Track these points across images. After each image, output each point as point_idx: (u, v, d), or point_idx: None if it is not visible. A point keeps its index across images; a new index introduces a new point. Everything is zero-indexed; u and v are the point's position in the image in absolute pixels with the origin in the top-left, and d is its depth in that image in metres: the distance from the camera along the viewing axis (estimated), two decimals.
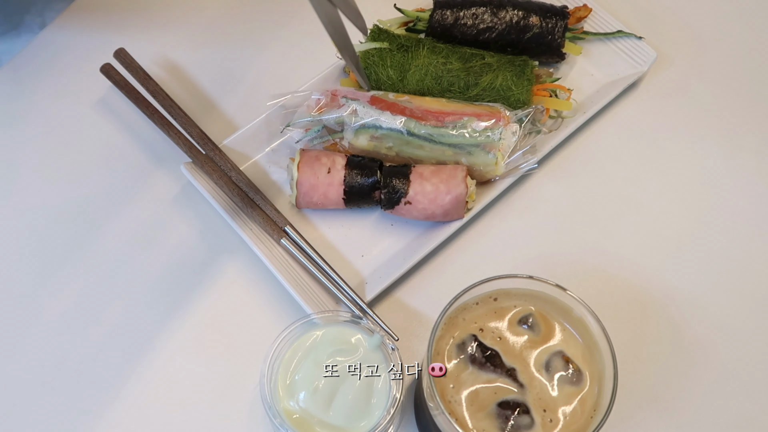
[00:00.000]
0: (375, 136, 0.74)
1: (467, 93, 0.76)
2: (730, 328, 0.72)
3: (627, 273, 0.74)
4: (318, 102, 0.75)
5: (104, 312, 0.72)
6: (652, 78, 0.86)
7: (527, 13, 0.80)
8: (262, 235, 0.72)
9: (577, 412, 0.55)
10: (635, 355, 0.70)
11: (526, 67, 0.76)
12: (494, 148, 0.72)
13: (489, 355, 0.57)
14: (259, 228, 0.73)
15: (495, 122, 0.72)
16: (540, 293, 0.59)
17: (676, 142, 0.82)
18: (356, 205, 0.74)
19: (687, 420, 0.68)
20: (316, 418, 0.59)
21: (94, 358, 0.70)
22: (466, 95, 0.76)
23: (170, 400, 0.68)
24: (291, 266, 0.71)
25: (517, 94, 0.75)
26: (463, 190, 0.70)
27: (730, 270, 0.75)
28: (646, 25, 0.88)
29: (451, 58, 0.76)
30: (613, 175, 0.80)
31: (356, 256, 0.74)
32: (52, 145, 0.80)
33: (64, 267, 0.74)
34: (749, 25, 0.90)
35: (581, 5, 0.84)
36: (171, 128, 0.77)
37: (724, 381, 0.69)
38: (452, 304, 0.56)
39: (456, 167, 0.72)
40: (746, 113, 0.84)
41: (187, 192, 0.77)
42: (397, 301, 0.72)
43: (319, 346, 0.61)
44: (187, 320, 0.71)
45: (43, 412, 0.68)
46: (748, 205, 0.79)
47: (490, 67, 0.76)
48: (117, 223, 0.76)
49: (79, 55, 0.85)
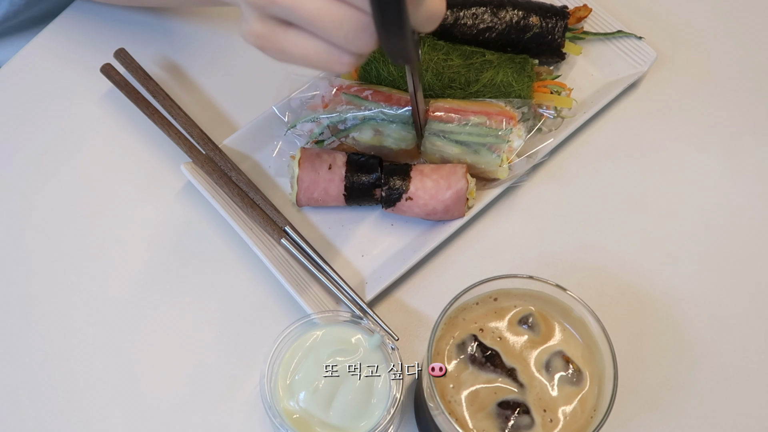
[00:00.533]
0: (379, 129, 0.73)
1: (468, 89, 0.76)
2: (730, 328, 0.72)
3: (627, 273, 0.74)
4: (323, 100, 0.75)
5: (103, 311, 0.72)
6: (652, 78, 0.86)
7: (527, 13, 0.80)
8: (262, 235, 0.72)
9: (577, 412, 0.55)
10: (635, 355, 0.70)
11: (527, 64, 0.77)
12: (500, 149, 0.72)
13: (489, 355, 0.57)
14: (259, 228, 0.73)
15: (504, 123, 0.72)
16: (540, 293, 0.59)
17: (676, 142, 0.82)
18: (357, 203, 0.74)
19: (687, 420, 0.68)
20: (316, 418, 0.59)
21: (94, 357, 0.70)
22: (467, 91, 0.76)
23: (170, 399, 0.68)
24: (291, 266, 0.71)
25: (518, 90, 0.75)
26: (464, 185, 0.70)
27: (730, 270, 0.75)
28: (646, 25, 0.88)
29: (452, 54, 0.76)
30: (613, 175, 0.80)
31: (356, 256, 0.74)
32: (52, 145, 0.80)
33: (64, 267, 0.74)
34: (749, 25, 0.90)
35: (581, 5, 0.84)
36: (171, 128, 0.77)
37: (724, 381, 0.69)
38: (452, 304, 0.56)
39: (456, 165, 0.72)
40: (746, 113, 0.84)
41: (187, 192, 0.77)
42: (397, 301, 0.72)
43: (319, 346, 0.61)
44: (187, 320, 0.71)
45: (42, 412, 0.68)
46: (748, 205, 0.79)
47: (491, 63, 0.76)
48: (117, 223, 0.76)
49: (79, 55, 0.85)
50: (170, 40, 0.86)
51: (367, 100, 0.73)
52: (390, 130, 0.73)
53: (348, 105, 0.74)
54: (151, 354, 0.70)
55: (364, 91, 0.74)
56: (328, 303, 0.70)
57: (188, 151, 0.76)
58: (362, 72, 0.77)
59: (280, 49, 0.51)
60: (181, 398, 0.68)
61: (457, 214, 0.72)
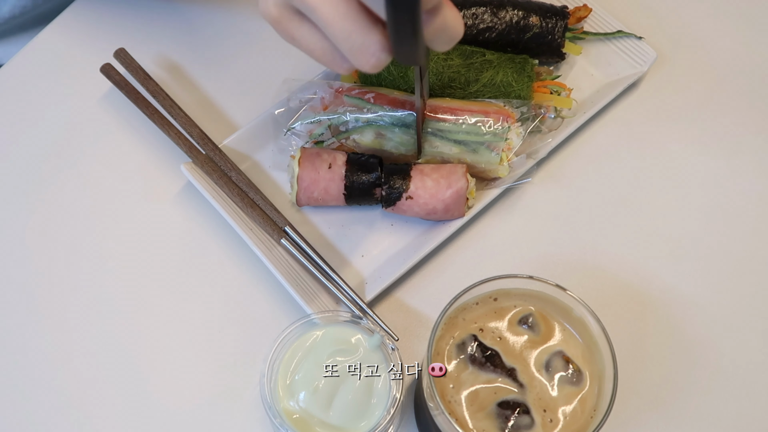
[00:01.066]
0: (380, 133, 0.74)
1: (468, 89, 0.76)
2: (730, 328, 0.72)
3: (627, 273, 0.74)
4: (322, 101, 0.75)
5: (103, 311, 0.72)
6: (652, 78, 0.86)
7: (527, 13, 0.80)
8: (262, 235, 0.72)
9: (577, 412, 0.55)
10: (635, 355, 0.70)
11: (527, 64, 0.77)
12: (499, 147, 0.72)
13: (489, 355, 0.57)
14: (259, 228, 0.73)
15: (502, 121, 0.72)
16: (540, 293, 0.59)
17: (676, 142, 0.82)
18: (357, 203, 0.74)
19: (687, 420, 0.68)
20: (316, 418, 0.59)
21: (93, 358, 0.70)
22: (467, 91, 0.76)
23: (170, 400, 0.68)
24: (291, 266, 0.71)
25: (518, 90, 0.75)
26: (464, 184, 0.70)
27: (730, 270, 0.75)
28: (646, 25, 0.88)
29: (452, 54, 0.76)
30: (613, 175, 0.80)
31: (356, 256, 0.74)
32: (51, 145, 0.80)
33: (64, 267, 0.74)
34: (749, 25, 0.90)
35: (581, 5, 0.84)
36: (171, 128, 0.77)
37: (724, 381, 0.69)
38: (452, 304, 0.56)
39: (456, 164, 0.72)
40: (746, 113, 0.84)
41: (187, 192, 0.77)
42: (397, 301, 0.72)
43: (319, 346, 0.61)
44: (187, 320, 0.71)
45: (41, 412, 0.68)
46: (747, 204, 0.79)
47: (491, 63, 0.76)
48: (117, 223, 0.76)
49: (79, 55, 0.85)
50: (170, 40, 0.86)
51: (370, 103, 0.73)
52: (392, 133, 0.73)
53: (350, 107, 0.74)
54: (150, 354, 0.70)
55: (367, 94, 0.74)
56: (328, 303, 0.70)
57: (188, 151, 0.76)
58: (361, 72, 0.77)
59: (290, 35, 0.54)
60: (181, 398, 0.68)
61: (457, 214, 0.72)
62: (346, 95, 0.74)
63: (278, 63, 0.85)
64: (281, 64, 0.85)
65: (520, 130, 0.73)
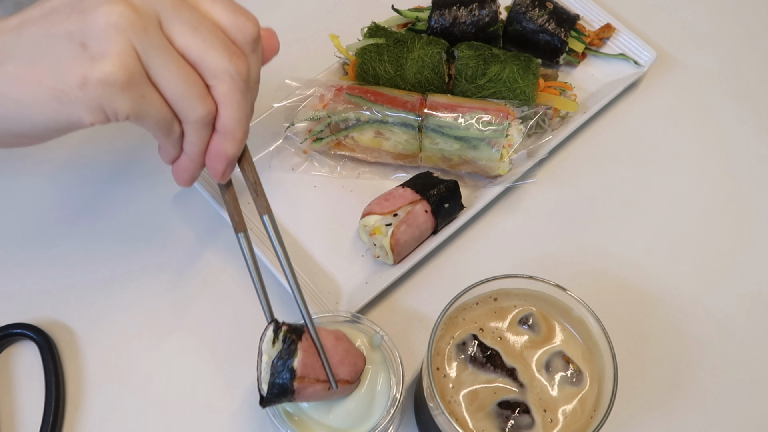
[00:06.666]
0: (380, 132, 0.74)
1: (475, 82, 0.76)
2: (730, 328, 0.72)
3: (627, 273, 0.74)
4: (322, 99, 0.75)
5: (102, 311, 0.72)
6: (652, 78, 0.86)
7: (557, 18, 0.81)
8: (263, 235, 0.72)
9: (578, 412, 0.55)
10: (635, 355, 0.70)
11: (531, 62, 0.77)
12: (499, 143, 0.72)
13: (489, 355, 0.57)
14: (259, 228, 0.73)
15: (501, 117, 0.72)
16: (540, 293, 0.59)
17: (676, 142, 0.82)
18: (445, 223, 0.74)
19: (687, 420, 0.68)
20: (315, 419, 0.58)
21: (93, 358, 0.70)
22: (473, 84, 0.76)
23: (169, 400, 0.68)
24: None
25: (523, 87, 0.75)
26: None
27: (731, 270, 0.75)
28: (647, 24, 0.88)
29: (461, 46, 0.76)
30: (613, 175, 0.80)
31: (356, 256, 0.74)
32: (51, 146, 0.80)
33: (63, 266, 0.74)
34: (749, 25, 0.90)
35: (605, 24, 0.84)
36: None
37: (724, 381, 0.69)
38: (452, 304, 0.56)
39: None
40: (746, 113, 0.85)
41: (187, 192, 0.77)
42: (397, 301, 0.72)
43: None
44: (186, 320, 0.71)
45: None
46: (747, 204, 0.79)
47: (498, 58, 0.76)
48: (117, 222, 0.76)
49: None
50: None
51: (371, 101, 0.74)
52: (391, 132, 0.73)
53: (350, 105, 0.74)
54: (150, 354, 0.70)
55: (367, 93, 0.74)
56: (328, 303, 0.70)
57: None
58: (359, 71, 0.77)
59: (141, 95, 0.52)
60: (181, 398, 0.68)
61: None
62: (347, 93, 0.75)
63: (278, 62, 0.85)
64: (281, 64, 0.85)
65: (520, 127, 0.73)
